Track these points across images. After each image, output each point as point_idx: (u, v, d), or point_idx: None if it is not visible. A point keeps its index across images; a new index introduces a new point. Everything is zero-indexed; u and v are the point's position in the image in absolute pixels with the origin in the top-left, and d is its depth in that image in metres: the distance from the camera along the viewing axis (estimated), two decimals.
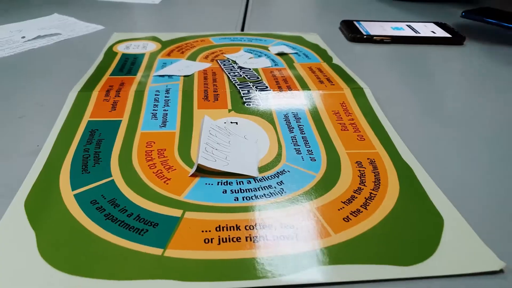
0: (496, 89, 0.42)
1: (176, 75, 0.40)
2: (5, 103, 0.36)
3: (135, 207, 0.24)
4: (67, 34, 0.52)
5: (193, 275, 0.19)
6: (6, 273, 0.19)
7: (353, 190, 0.26)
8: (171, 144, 0.30)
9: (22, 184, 0.25)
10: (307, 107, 0.35)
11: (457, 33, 0.55)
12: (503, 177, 0.28)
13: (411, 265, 0.21)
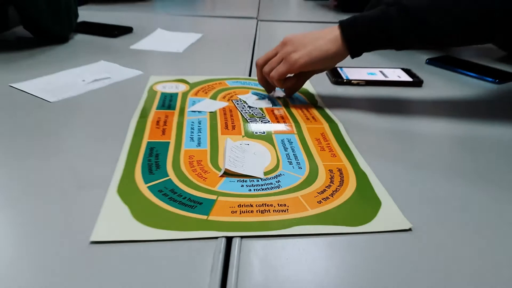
0: (435, 120, 0.57)
1: (204, 111, 0.55)
2: (89, 128, 0.51)
3: (186, 193, 0.38)
4: (115, 77, 0.68)
5: (224, 228, 0.34)
6: (116, 228, 0.33)
7: (325, 186, 0.40)
8: (205, 157, 0.44)
9: (112, 181, 0.40)
10: (297, 135, 0.50)
11: (417, 77, 0.70)
12: (421, 180, 0.42)
13: (357, 225, 0.35)
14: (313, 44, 0.53)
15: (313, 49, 0.53)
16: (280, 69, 0.55)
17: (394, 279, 0.30)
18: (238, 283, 0.29)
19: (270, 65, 0.57)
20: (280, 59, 0.56)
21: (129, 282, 0.29)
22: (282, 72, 0.55)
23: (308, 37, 0.55)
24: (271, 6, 1.47)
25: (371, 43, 0.53)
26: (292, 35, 0.56)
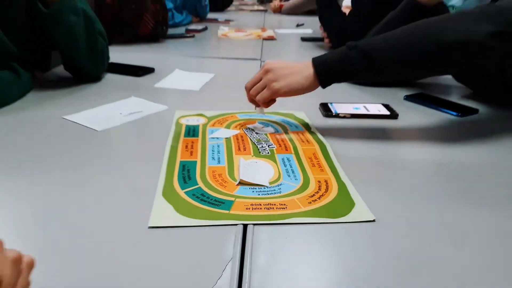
0: (405, 146, 0.71)
1: (221, 137, 0.70)
2: (132, 151, 0.65)
3: (212, 196, 0.52)
4: (146, 111, 0.83)
5: (241, 219, 0.47)
6: (165, 218, 0.48)
7: (314, 192, 0.54)
8: (224, 171, 0.59)
9: (157, 188, 0.54)
10: (294, 155, 0.64)
11: (394, 111, 0.85)
12: (388, 187, 0.56)
13: (336, 218, 0.48)
14: (291, 77, 0.69)
15: (292, 82, 0.69)
16: (264, 95, 0.71)
17: (360, 253, 0.44)
18: (252, 254, 0.43)
19: (256, 89, 0.72)
20: (264, 85, 0.71)
21: (177, 253, 0.43)
22: (266, 97, 0.71)
23: (287, 69, 0.70)
24: (273, 47, 1.65)
25: (337, 79, 0.70)
26: (272, 64, 0.72)
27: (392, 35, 0.70)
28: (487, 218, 0.50)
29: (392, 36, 0.70)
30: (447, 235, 0.47)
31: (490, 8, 0.68)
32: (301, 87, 0.69)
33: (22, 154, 0.64)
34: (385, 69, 0.69)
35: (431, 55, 0.67)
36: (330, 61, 0.69)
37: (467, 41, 0.65)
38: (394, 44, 0.68)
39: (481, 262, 0.43)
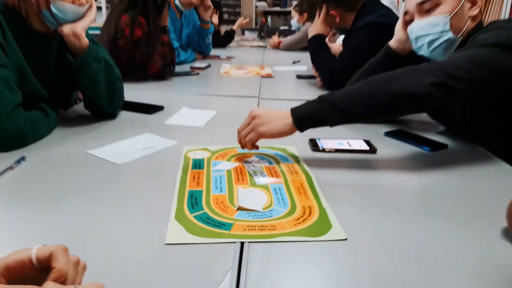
0: (381, 178, 0.83)
1: (223, 169, 0.82)
2: (148, 181, 0.78)
3: (215, 220, 0.64)
4: (157, 146, 0.96)
5: (239, 237, 0.59)
6: (178, 237, 0.59)
7: (299, 216, 0.66)
8: (225, 199, 0.71)
9: (170, 212, 0.66)
10: (284, 185, 0.77)
11: (373, 146, 0.98)
12: (361, 212, 0.68)
13: (315, 237, 0.60)
14: (274, 123, 0.84)
15: (274, 127, 0.83)
16: (252, 136, 0.85)
17: (334, 264, 0.55)
18: (248, 265, 0.54)
19: (245, 132, 0.86)
20: (251, 129, 0.85)
21: (188, 263, 0.55)
22: (253, 139, 0.85)
23: (270, 116, 0.85)
24: (270, 84, 1.80)
25: (311, 126, 0.84)
26: (258, 111, 0.86)
27: (357, 88, 0.85)
28: (447, 235, 0.62)
29: (357, 88, 0.84)
30: (410, 252, 0.58)
31: (433, 64, 0.84)
32: (282, 132, 0.84)
33: (53, 184, 0.77)
34: (351, 118, 0.85)
35: (387, 104, 0.82)
36: (305, 112, 0.83)
37: (414, 91, 0.80)
38: (357, 96, 0.83)
39: (442, 276, 0.54)
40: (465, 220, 0.67)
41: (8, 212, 0.67)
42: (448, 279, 0.53)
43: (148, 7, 1.64)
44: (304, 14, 3.12)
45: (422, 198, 0.77)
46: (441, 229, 0.64)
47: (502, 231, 0.63)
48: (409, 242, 0.61)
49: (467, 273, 0.54)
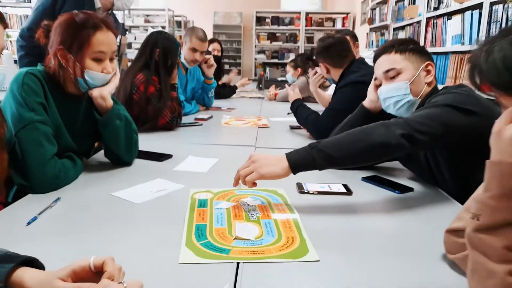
0: (357, 213, 1.01)
1: (223, 207, 1.01)
2: (162, 217, 0.96)
3: (217, 246, 0.82)
4: (168, 189, 1.14)
5: (236, 259, 0.77)
6: (189, 258, 0.77)
7: (284, 244, 0.84)
8: (225, 231, 0.88)
9: (181, 241, 0.83)
10: (273, 220, 0.95)
11: (350, 190, 1.17)
12: (334, 241, 0.86)
13: (295, 259, 0.78)
14: (272, 167, 1.00)
15: (272, 170, 0.99)
16: (253, 176, 1.00)
17: (307, 278, 0.72)
18: (242, 280, 0.71)
19: (245, 172, 1.01)
20: (252, 170, 1.00)
21: (197, 278, 0.72)
22: (254, 178, 1.00)
23: (268, 160, 1.01)
24: (266, 134, 2.01)
25: (304, 169, 1.01)
26: (258, 156, 1.03)
27: (341, 138, 1.04)
28: (405, 270, 0.79)
29: (341, 138, 1.03)
30: (369, 272, 0.76)
31: (400, 120, 1.04)
32: (278, 174, 1.00)
33: (85, 218, 0.95)
34: (337, 162, 1.02)
35: (365, 152, 1.00)
36: (299, 158, 1.01)
37: (387, 141, 0.99)
38: (341, 145, 1.01)
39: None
40: (415, 254, 0.85)
41: (53, 238, 0.85)
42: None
43: (160, 68, 1.89)
44: (298, 69, 3.41)
45: (386, 233, 0.94)
46: (390, 260, 0.82)
47: (443, 257, 0.80)
48: (370, 264, 0.78)
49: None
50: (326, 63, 1.96)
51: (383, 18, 4.57)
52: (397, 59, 1.24)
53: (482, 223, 0.59)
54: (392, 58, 1.24)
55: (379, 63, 1.27)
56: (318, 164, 1.00)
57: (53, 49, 1.18)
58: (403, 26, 3.89)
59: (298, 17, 6.92)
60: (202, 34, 2.48)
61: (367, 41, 5.34)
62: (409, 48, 1.23)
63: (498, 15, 2.33)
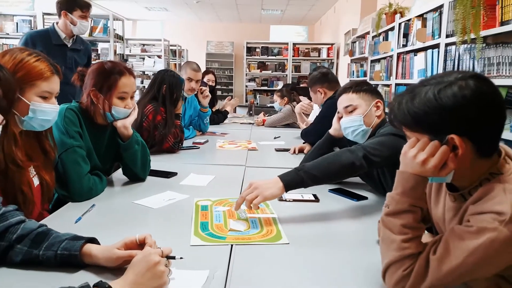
0: (325, 215, 1.35)
1: (220, 210, 1.34)
2: (175, 217, 1.28)
3: (216, 235, 1.14)
4: (177, 198, 1.47)
5: (230, 243, 1.09)
6: (197, 241, 1.09)
7: (265, 233, 1.17)
8: (222, 225, 1.21)
9: (191, 231, 1.16)
10: (257, 218, 1.28)
11: (317, 198, 1.50)
12: (301, 231, 1.19)
13: (272, 242, 1.11)
14: (272, 189, 1.29)
15: (273, 192, 1.28)
16: (259, 200, 1.29)
17: (279, 256, 1.06)
18: (235, 257, 1.04)
19: (251, 197, 1.29)
20: (256, 195, 1.30)
21: (203, 255, 1.05)
22: (259, 203, 1.29)
23: (267, 184, 1.31)
24: (255, 156, 2.35)
25: (295, 187, 1.33)
26: (257, 182, 1.34)
27: (320, 161, 1.36)
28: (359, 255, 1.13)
29: (320, 161, 1.36)
30: (325, 253, 1.09)
31: (359, 146, 1.38)
32: (278, 194, 1.29)
33: (115, 219, 1.27)
34: (320, 180, 1.34)
35: (339, 171, 1.34)
36: (290, 179, 1.31)
37: (353, 162, 1.33)
38: (320, 167, 1.33)
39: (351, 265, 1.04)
40: (365, 243, 1.18)
41: (94, 231, 1.17)
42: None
43: (166, 100, 2.24)
44: (285, 98, 3.78)
45: (343, 227, 1.28)
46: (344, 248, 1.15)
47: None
48: (327, 248, 1.11)
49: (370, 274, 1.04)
50: (324, 88, 2.40)
51: (362, 51, 5.01)
52: (353, 97, 1.60)
53: (390, 210, 0.93)
54: (350, 97, 1.60)
55: (340, 100, 1.63)
56: (305, 182, 1.30)
57: (87, 90, 1.52)
58: (379, 59, 4.32)
59: (286, 48, 7.40)
60: (195, 65, 2.87)
61: (348, 71, 5.79)
62: (363, 88, 1.60)
63: (452, 54, 2.74)
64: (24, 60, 1.18)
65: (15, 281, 0.88)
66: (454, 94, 0.83)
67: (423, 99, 0.86)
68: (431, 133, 0.87)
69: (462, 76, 0.85)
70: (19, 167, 1.17)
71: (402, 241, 0.88)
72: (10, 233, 0.93)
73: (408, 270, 0.83)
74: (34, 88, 1.20)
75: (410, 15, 3.51)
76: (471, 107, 0.83)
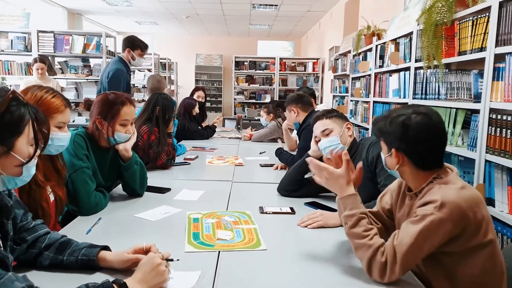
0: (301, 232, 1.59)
1: (209, 222, 1.57)
2: (170, 228, 1.51)
3: (206, 243, 1.37)
4: (172, 212, 1.69)
5: (218, 249, 1.33)
6: (190, 248, 1.33)
7: (247, 241, 1.40)
8: (211, 235, 1.44)
9: (185, 240, 1.39)
10: (241, 229, 1.51)
11: (294, 210, 1.74)
12: (276, 239, 1.43)
13: (253, 249, 1.34)
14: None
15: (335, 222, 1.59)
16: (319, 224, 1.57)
17: (257, 259, 1.29)
18: (221, 261, 1.27)
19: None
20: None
21: (195, 259, 1.28)
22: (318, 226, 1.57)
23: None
24: (241, 171, 2.59)
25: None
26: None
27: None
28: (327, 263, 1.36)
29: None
30: (297, 260, 1.32)
31: None
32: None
33: (119, 230, 1.49)
34: None
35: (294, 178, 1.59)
36: None
37: (301, 165, 1.58)
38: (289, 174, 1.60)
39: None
40: (334, 248, 1.43)
41: (104, 241, 1.39)
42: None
43: (159, 121, 2.47)
44: (271, 114, 4.04)
45: (315, 236, 1.52)
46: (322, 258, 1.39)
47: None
48: (300, 253, 1.35)
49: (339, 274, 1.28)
50: (298, 108, 2.67)
51: (344, 68, 5.31)
52: (327, 122, 1.86)
53: (350, 225, 1.18)
54: (324, 122, 1.87)
55: (317, 126, 1.90)
56: None
57: (93, 118, 1.75)
58: (358, 77, 4.61)
59: (273, 62, 7.69)
60: (159, 77, 3.51)
61: (331, 86, 6.08)
62: (333, 114, 1.86)
63: (421, 77, 3.02)
64: (43, 98, 1.40)
65: (44, 281, 1.09)
66: (400, 123, 1.16)
67: (386, 121, 1.20)
68: (386, 144, 1.23)
69: (413, 111, 1.17)
70: (39, 186, 1.39)
71: (369, 239, 1.14)
72: (39, 242, 1.15)
73: (384, 258, 1.09)
74: (52, 120, 1.42)
75: (386, 39, 3.80)
76: (409, 134, 1.15)
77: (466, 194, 1.08)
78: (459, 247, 1.09)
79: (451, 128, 2.45)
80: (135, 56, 3.54)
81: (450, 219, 1.04)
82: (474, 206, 1.07)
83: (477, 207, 1.08)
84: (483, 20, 2.17)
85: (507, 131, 1.88)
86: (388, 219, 1.35)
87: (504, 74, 1.96)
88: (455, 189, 1.09)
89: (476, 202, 1.09)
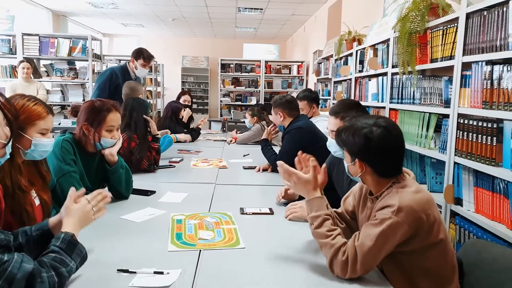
0: (280, 229, 1.68)
1: (192, 223, 1.65)
2: (155, 229, 1.59)
3: (188, 243, 1.46)
4: (156, 213, 1.77)
5: (199, 248, 1.42)
6: (174, 248, 1.41)
7: (227, 240, 1.49)
8: (193, 235, 1.53)
9: (168, 240, 1.47)
10: (222, 229, 1.60)
11: (272, 211, 1.84)
12: (255, 238, 1.52)
13: (232, 247, 1.43)
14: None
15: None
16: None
17: (236, 256, 1.38)
18: (201, 259, 1.36)
19: None
20: None
21: (176, 258, 1.36)
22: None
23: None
24: (224, 173, 2.67)
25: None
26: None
27: None
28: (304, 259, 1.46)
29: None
30: (277, 256, 1.42)
31: None
32: None
33: (106, 230, 1.56)
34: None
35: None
36: None
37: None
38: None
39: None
40: (306, 247, 1.52)
41: (92, 241, 1.46)
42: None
43: (138, 126, 2.53)
44: (255, 117, 4.13)
45: (289, 234, 1.62)
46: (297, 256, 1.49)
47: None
48: (276, 251, 1.44)
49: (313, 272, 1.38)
50: (284, 112, 2.75)
51: (326, 72, 5.44)
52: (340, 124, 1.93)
53: (315, 226, 1.28)
54: (338, 123, 1.87)
55: (330, 122, 1.90)
56: None
57: (80, 124, 1.82)
58: (340, 81, 4.74)
59: (259, 65, 7.80)
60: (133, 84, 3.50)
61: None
62: (346, 119, 1.93)
63: (397, 82, 3.15)
64: (25, 105, 1.46)
65: None
66: (363, 135, 1.25)
67: (350, 133, 1.29)
68: (349, 154, 1.32)
69: (374, 123, 1.26)
70: (23, 191, 1.46)
71: (331, 239, 1.23)
72: None
73: (344, 257, 1.19)
74: (34, 127, 1.47)
75: (365, 44, 3.93)
76: (371, 146, 1.24)
77: (420, 197, 1.20)
78: (414, 246, 1.20)
79: (425, 131, 2.58)
80: (137, 66, 3.69)
81: (406, 221, 1.15)
82: (427, 209, 1.19)
83: (430, 209, 1.19)
84: (452, 30, 2.30)
85: (473, 135, 2.01)
86: (351, 220, 1.46)
87: (470, 82, 2.09)
88: (411, 192, 1.20)
89: (429, 204, 1.21)
